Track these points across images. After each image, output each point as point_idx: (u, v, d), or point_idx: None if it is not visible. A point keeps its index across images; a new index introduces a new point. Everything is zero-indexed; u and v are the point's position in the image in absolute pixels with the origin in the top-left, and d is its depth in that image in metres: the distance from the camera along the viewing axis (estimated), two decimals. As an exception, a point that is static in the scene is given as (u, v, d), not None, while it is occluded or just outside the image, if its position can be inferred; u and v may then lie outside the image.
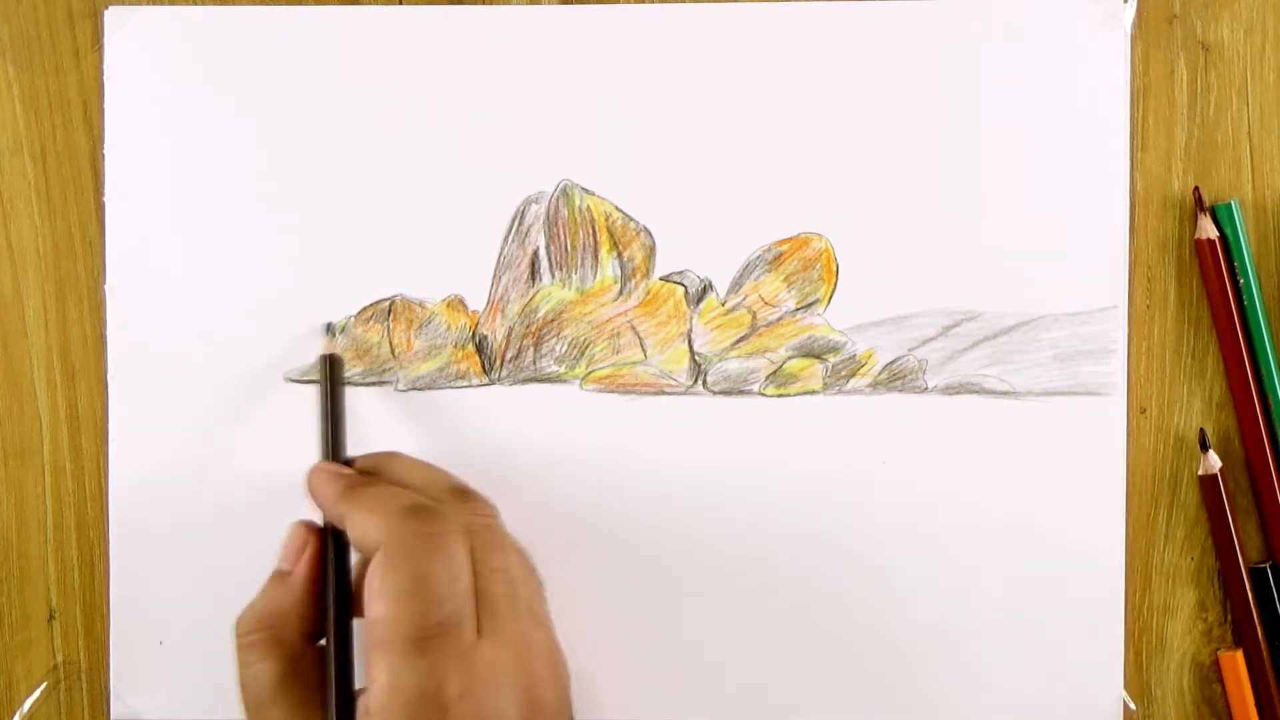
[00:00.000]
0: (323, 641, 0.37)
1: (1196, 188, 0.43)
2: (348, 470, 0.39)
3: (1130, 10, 0.43)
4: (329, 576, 0.37)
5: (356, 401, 0.43)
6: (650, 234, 0.44)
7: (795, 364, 0.43)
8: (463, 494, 0.38)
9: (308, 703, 0.36)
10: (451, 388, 0.44)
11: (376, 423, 0.43)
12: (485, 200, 0.43)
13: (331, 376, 0.42)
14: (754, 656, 0.43)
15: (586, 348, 0.44)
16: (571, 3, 0.44)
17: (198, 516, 0.43)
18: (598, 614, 0.43)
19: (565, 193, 0.44)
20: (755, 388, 0.44)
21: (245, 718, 0.36)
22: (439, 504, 0.36)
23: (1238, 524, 0.43)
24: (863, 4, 0.43)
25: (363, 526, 0.35)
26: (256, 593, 0.38)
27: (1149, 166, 0.43)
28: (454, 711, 0.33)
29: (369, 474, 0.39)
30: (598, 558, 0.43)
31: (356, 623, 0.37)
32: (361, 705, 0.34)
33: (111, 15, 0.44)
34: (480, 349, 0.44)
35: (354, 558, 0.38)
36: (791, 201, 0.43)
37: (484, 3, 0.44)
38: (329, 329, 0.43)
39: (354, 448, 0.41)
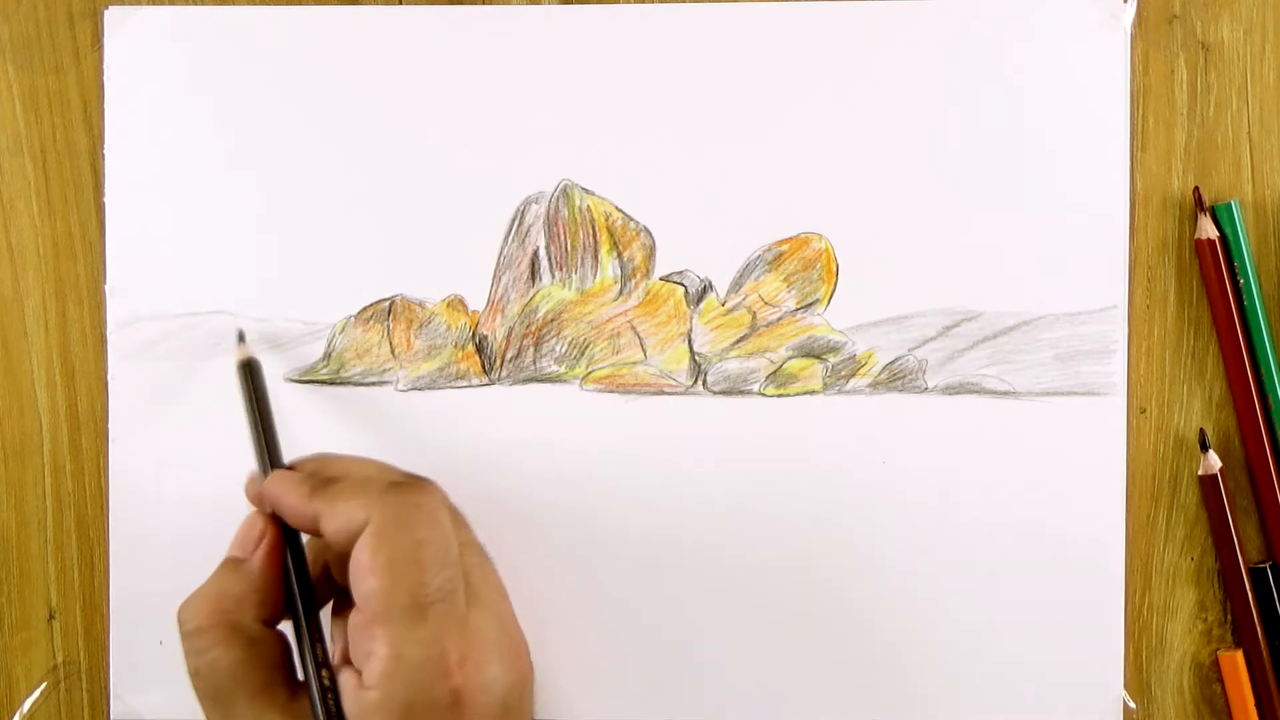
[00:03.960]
0: (280, 626, 0.37)
1: (1196, 188, 0.43)
2: (303, 474, 0.38)
3: (1130, 10, 0.43)
4: (290, 563, 0.37)
5: (356, 402, 0.43)
6: (650, 234, 0.44)
7: (795, 364, 0.43)
8: (419, 479, 0.38)
9: (269, 687, 0.35)
10: (451, 388, 0.44)
11: (376, 423, 0.43)
12: (485, 200, 0.43)
13: (253, 383, 0.41)
14: (753, 656, 0.43)
15: (586, 348, 0.44)
16: (571, 3, 0.44)
17: (198, 516, 0.43)
18: (598, 614, 0.43)
19: (565, 193, 0.44)
20: (755, 388, 0.44)
21: (202, 708, 0.36)
22: (408, 482, 0.37)
23: (1238, 524, 0.43)
24: (863, 4, 0.43)
25: (344, 514, 0.35)
26: (206, 580, 0.37)
27: (1149, 166, 0.43)
28: (457, 678, 0.33)
29: (319, 474, 0.39)
30: (597, 558, 0.43)
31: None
32: (348, 682, 0.34)
33: (111, 15, 0.44)
34: (480, 349, 0.44)
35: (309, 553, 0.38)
36: (791, 201, 0.43)
37: (484, 3, 0.44)
38: (240, 336, 0.43)
39: (354, 449, 0.41)
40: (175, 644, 0.43)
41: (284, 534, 0.37)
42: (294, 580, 0.37)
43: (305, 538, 0.38)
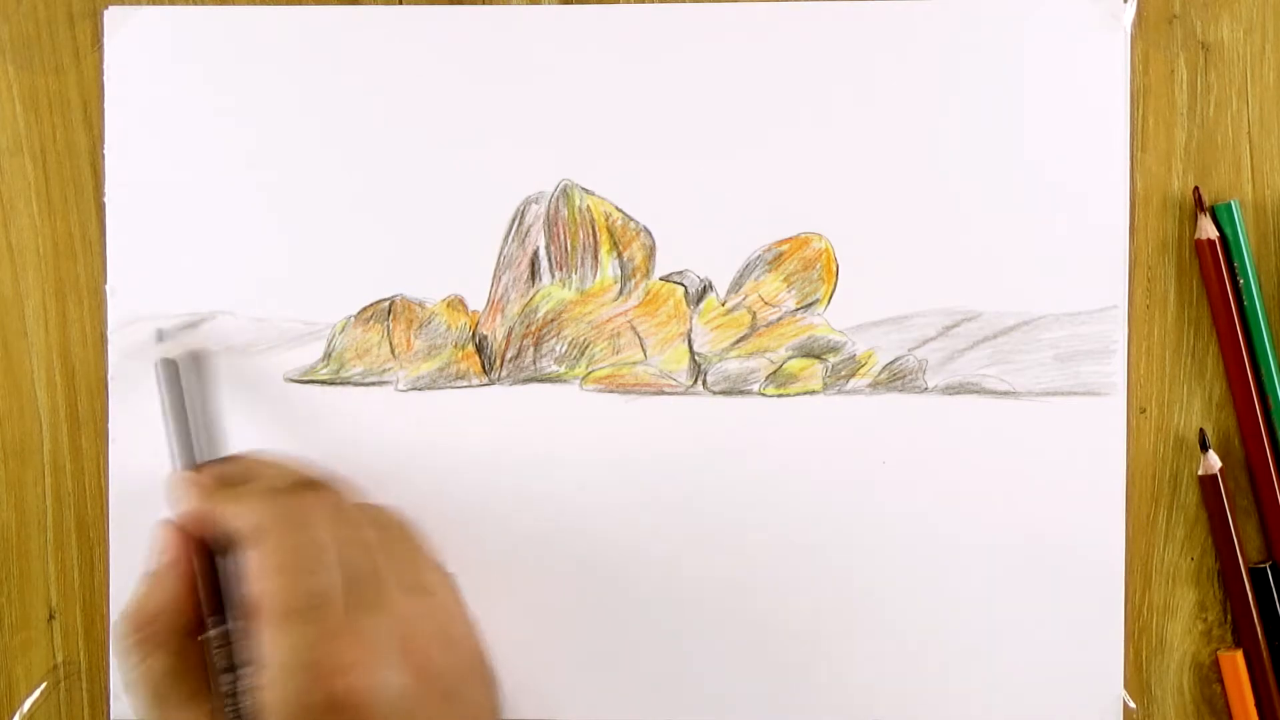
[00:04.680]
0: (209, 634, 0.37)
1: (1196, 188, 0.43)
2: (204, 478, 0.39)
3: (1130, 10, 0.43)
4: (199, 568, 0.38)
5: (356, 402, 0.43)
6: (650, 234, 0.44)
7: (795, 364, 0.43)
8: (310, 482, 0.39)
9: (197, 695, 0.36)
10: (451, 388, 0.44)
11: (376, 423, 0.43)
12: (485, 200, 0.43)
13: (169, 383, 0.41)
14: (753, 656, 0.43)
15: (586, 348, 0.44)
16: (571, 3, 0.44)
17: (198, 516, 0.43)
18: (596, 613, 0.43)
19: (565, 193, 0.44)
20: (755, 388, 0.44)
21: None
22: (295, 487, 0.37)
23: (1238, 524, 0.43)
24: (863, 4, 0.43)
25: (231, 519, 0.36)
26: (131, 595, 0.38)
27: (1149, 166, 0.43)
28: (338, 682, 0.33)
29: (222, 477, 0.39)
30: (597, 557, 0.43)
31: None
32: (251, 683, 0.34)
33: (111, 15, 0.44)
34: (480, 349, 0.44)
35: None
36: (791, 201, 0.43)
37: (484, 3, 0.44)
38: (160, 335, 0.43)
39: (354, 448, 0.41)
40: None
41: (194, 543, 0.38)
42: (204, 588, 0.38)
43: None
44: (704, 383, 0.44)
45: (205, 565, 0.38)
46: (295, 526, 0.36)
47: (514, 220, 0.44)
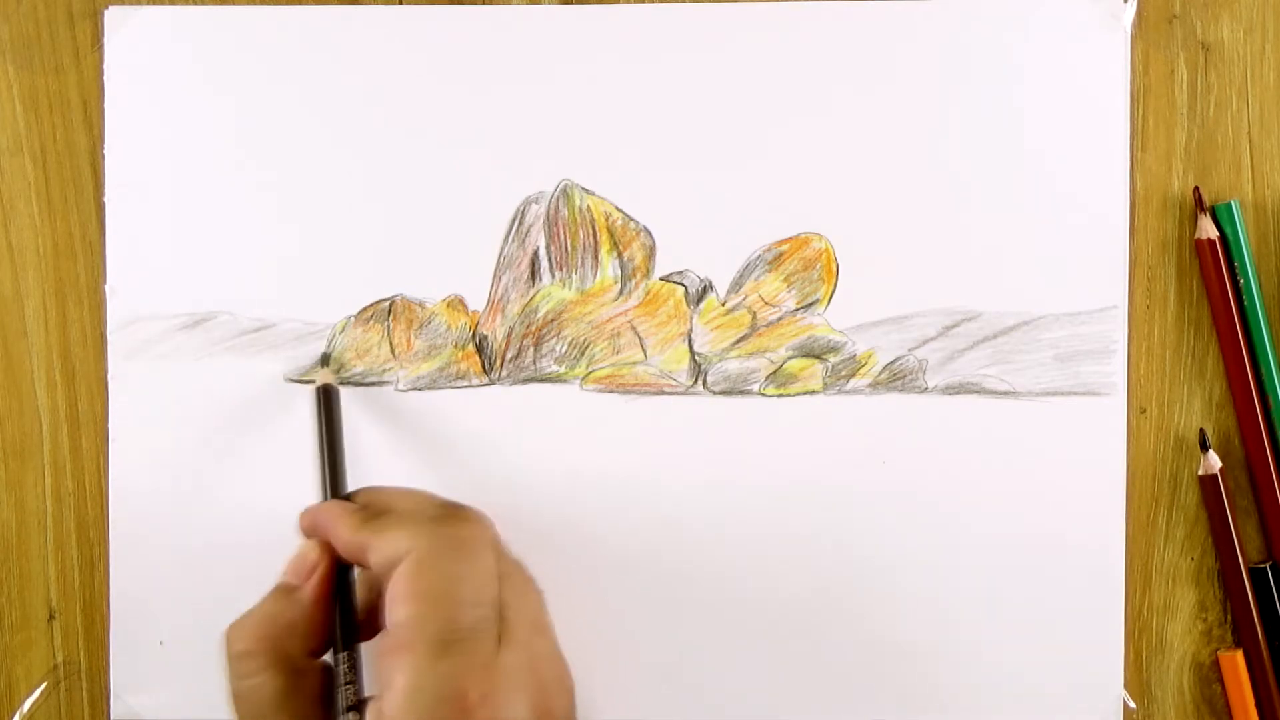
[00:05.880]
0: (325, 658, 0.37)
1: (1196, 188, 0.43)
2: (355, 505, 0.38)
3: (1130, 10, 0.43)
4: (338, 596, 0.37)
5: (356, 402, 0.43)
6: (650, 234, 0.44)
7: (795, 364, 0.43)
8: (460, 512, 0.38)
9: (307, 717, 0.35)
10: (451, 388, 0.44)
11: (376, 423, 0.43)
12: (485, 200, 0.43)
13: (328, 409, 0.41)
14: (754, 657, 0.43)
15: (586, 348, 0.44)
16: (571, 3, 0.44)
17: (198, 516, 0.43)
18: (598, 615, 0.43)
19: (565, 193, 0.44)
20: (755, 388, 0.44)
21: None
22: (448, 516, 0.36)
23: (1238, 524, 0.43)
24: (863, 4, 0.43)
25: (389, 545, 0.35)
26: (257, 604, 0.37)
27: (1149, 166, 0.43)
28: (476, 716, 0.32)
29: (368, 505, 0.38)
30: (597, 558, 0.43)
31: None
32: (372, 712, 0.33)
33: (111, 15, 0.44)
34: (480, 349, 0.44)
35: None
36: (791, 201, 0.43)
37: (484, 3, 0.44)
38: (324, 359, 0.43)
39: (354, 449, 0.41)
40: (175, 644, 0.44)
41: (336, 566, 0.37)
42: (339, 615, 0.37)
43: (356, 573, 0.38)
44: (704, 383, 0.44)
45: (345, 590, 0.37)
46: (455, 556, 0.35)
47: (514, 220, 0.44)
